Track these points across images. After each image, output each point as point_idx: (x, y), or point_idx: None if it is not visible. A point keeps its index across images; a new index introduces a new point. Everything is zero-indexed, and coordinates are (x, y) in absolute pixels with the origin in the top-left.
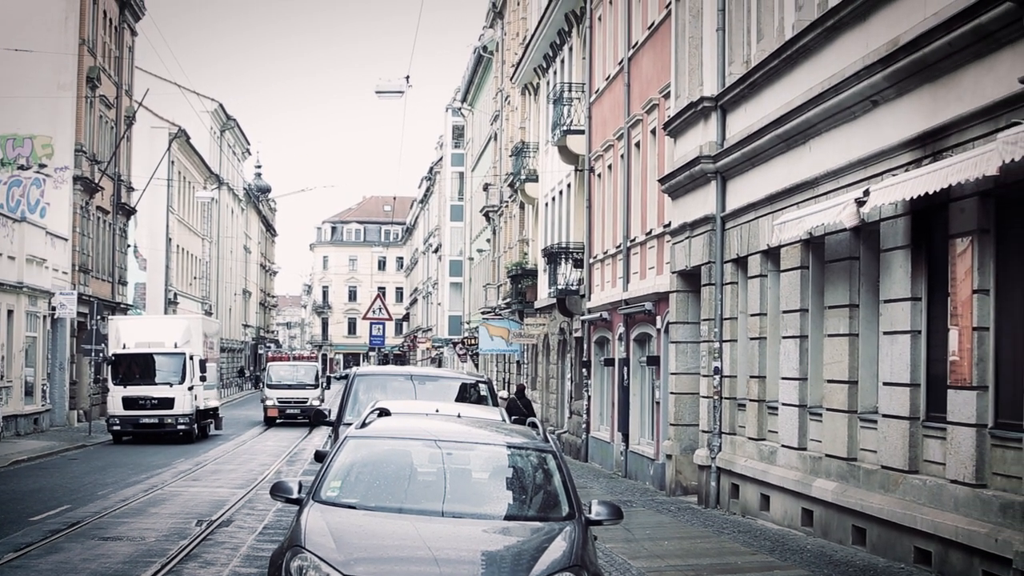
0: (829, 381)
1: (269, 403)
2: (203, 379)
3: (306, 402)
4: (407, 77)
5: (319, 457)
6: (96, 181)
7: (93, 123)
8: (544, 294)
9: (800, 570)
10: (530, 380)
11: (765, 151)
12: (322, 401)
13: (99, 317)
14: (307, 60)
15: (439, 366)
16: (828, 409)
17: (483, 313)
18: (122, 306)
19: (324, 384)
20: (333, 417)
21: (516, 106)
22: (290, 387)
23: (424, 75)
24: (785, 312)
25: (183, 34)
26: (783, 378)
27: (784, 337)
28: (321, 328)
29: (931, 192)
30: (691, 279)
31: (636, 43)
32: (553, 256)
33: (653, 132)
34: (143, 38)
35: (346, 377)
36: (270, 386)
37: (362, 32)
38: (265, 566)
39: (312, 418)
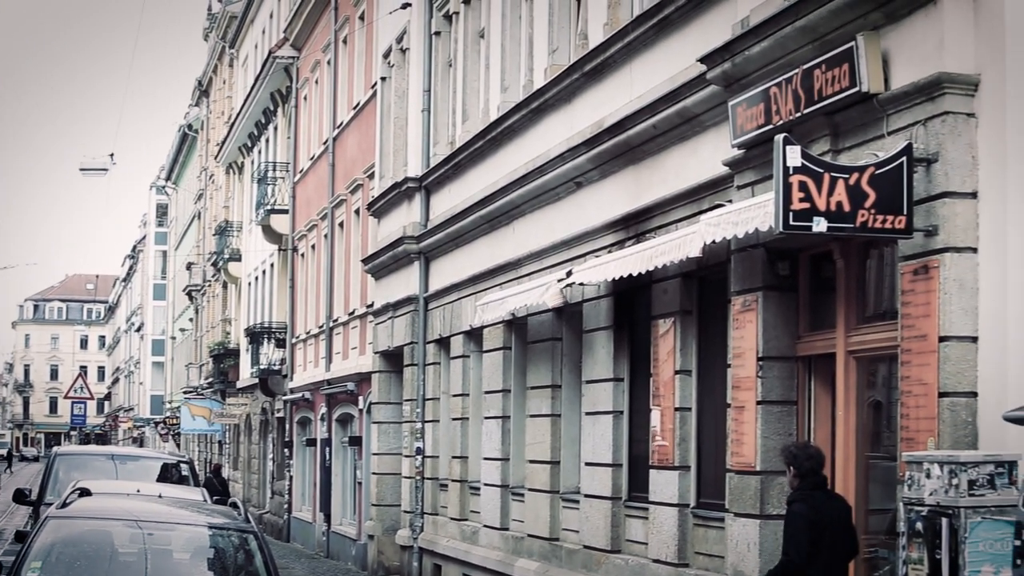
0: (531, 461)
1: None
2: None
3: None
4: (111, 155)
5: (20, 537)
6: None
7: None
8: (247, 374)
9: None
10: (232, 460)
11: (469, 231)
12: None
13: None
14: (9, 135)
15: (141, 445)
16: (530, 489)
17: (185, 393)
18: None
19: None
20: (34, 497)
21: (220, 185)
22: None
23: (130, 153)
24: (488, 392)
25: None
26: (485, 458)
27: (486, 417)
28: (22, 407)
29: (635, 274)
30: (394, 359)
31: (341, 123)
32: (256, 336)
33: (357, 212)
34: None
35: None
36: None
37: (67, 108)
38: None
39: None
